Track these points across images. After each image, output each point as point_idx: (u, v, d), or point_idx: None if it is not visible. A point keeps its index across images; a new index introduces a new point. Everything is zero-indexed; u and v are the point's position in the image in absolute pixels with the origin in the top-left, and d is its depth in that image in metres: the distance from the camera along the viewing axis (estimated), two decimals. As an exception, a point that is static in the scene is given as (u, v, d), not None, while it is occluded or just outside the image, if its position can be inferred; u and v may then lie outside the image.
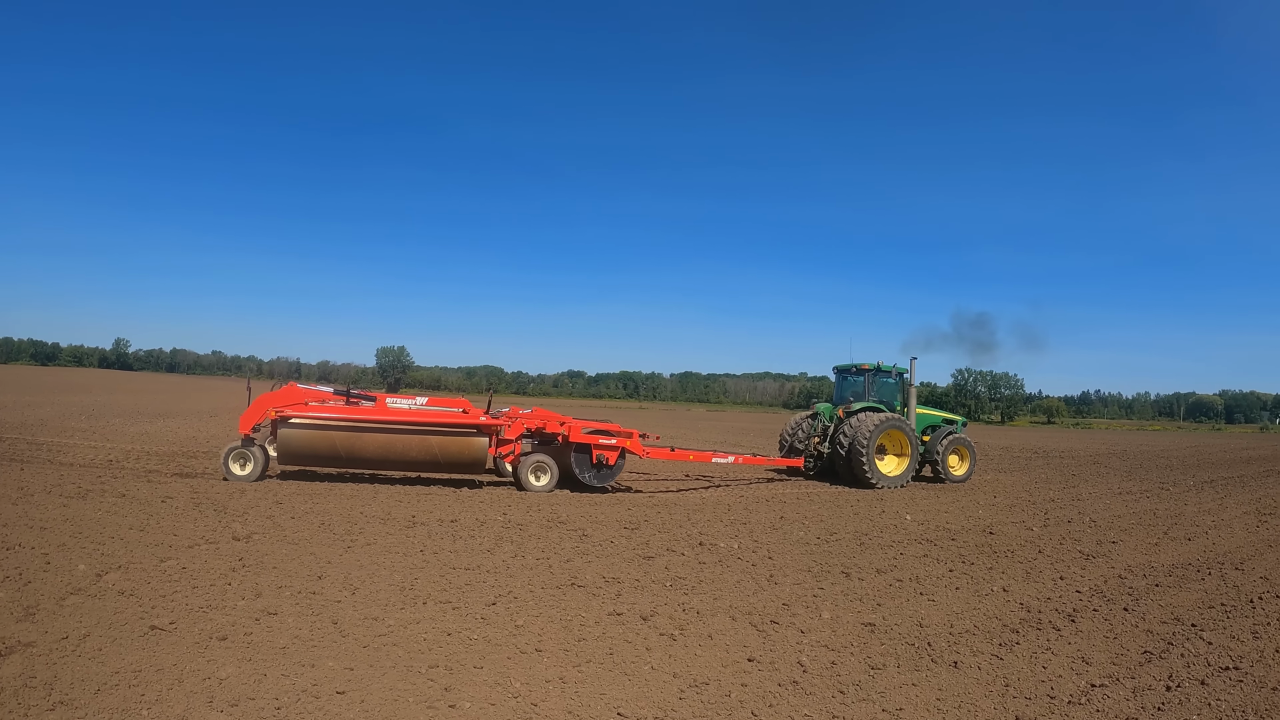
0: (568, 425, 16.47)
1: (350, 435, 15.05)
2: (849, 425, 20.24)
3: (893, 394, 22.26)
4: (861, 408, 21.09)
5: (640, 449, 17.11)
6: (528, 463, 16.00)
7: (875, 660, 6.45)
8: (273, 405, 15.08)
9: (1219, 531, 14.12)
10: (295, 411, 15.07)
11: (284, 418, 14.97)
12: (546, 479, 15.94)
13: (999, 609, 8.32)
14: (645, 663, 6.18)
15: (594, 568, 9.28)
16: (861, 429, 19.72)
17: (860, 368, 22.30)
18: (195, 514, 11.12)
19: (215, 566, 8.23)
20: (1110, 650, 7.02)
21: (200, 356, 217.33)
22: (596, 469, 16.46)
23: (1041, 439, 59.48)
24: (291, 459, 15.12)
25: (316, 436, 14.96)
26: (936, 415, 22.74)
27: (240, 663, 5.62)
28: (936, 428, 22.24)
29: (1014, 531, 13.43)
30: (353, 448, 15.07)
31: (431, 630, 6.63)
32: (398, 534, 10.59)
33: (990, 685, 6.04)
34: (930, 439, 21.76)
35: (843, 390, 22.91)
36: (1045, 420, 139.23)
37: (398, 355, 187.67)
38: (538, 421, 16.51)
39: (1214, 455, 40.47)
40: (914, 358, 22.24)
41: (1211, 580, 10.09)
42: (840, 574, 9.62)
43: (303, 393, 15.46)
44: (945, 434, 21.84)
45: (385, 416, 15.46)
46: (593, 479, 16.43)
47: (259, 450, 14.87)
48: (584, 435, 16.42)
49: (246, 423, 15.02)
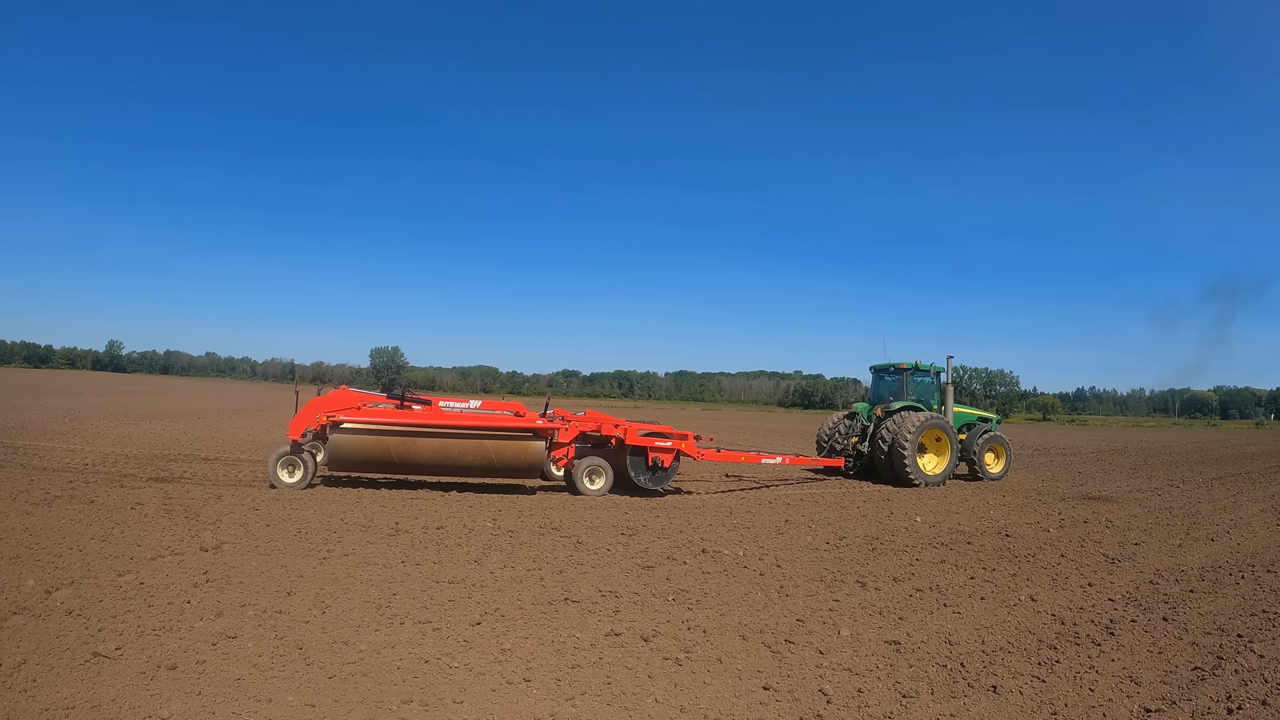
0: (623, 428, 16.16)
1: (404, 440, 14.58)
2: (890, 424, 20.19)
3: (929, 393, 22.17)
4: (901, 407, 20.95)
5: (695, 451, 16.85)
6: (582, 466, 15.67)
7: (906, 686, 5.79)
8: (324, 410, 14.62)
9: (1240, 531, 13.55)
10: (348, 416, 14.61)
11: (335, 423, 14.48)
12: (602, 482, 15.70)
13: (1030, 621, 7.69)
14: (648, 694, 5.52)
15: (589, 579, 8.62)
16: (904, 428, 19.65)
17: (898, 367, 22.31)
18: (164, 522, 10.49)
19: (176, 581, 7.60)
20: (1158, 667, 6.40)
21: (194, 358, 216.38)
22: (652, 471, 16.13)
23: (1040, 436, 58.92)
24: (342, 465, 14.58)
25: (370, 442, 14.48)
26: (972, 413, 22.67)
27: (187, 698, 4.99)
28: (973, 426, 22.13)
29: (1030, 534, 12.83)
30: (407, 453, 14.57)
31: (407, 656, 5.97)
32: (379, 543, 9.94)
33: (1036, 713, 5.40)
34: (967, 437, 21.64)
35: (879, 390, 22.90)
36: (1041, 417, 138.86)
37: (392, 355, 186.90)
38: (592, 424, 16.20)
39: (1216, 451, 40.04)
40: (950, 356, 22.09)
41: (1246, 585, 9.49)
42: (855, 583, 8.98)
43: (355, 396, 15.09)
44: (981, 432, 21.72)
45: (440, 420, 15.09)
46: (648, 482, 16.08)
47: (308, 456, 14.40)
48: (640, 438, 16.14)
49: (296, 428, 14.57)
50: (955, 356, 22.46)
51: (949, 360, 21.94)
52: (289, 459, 14.30)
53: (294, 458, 14.31)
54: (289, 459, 14.30)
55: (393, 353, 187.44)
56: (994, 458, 21.97)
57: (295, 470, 14.26)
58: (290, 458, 14.30)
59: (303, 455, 14.33)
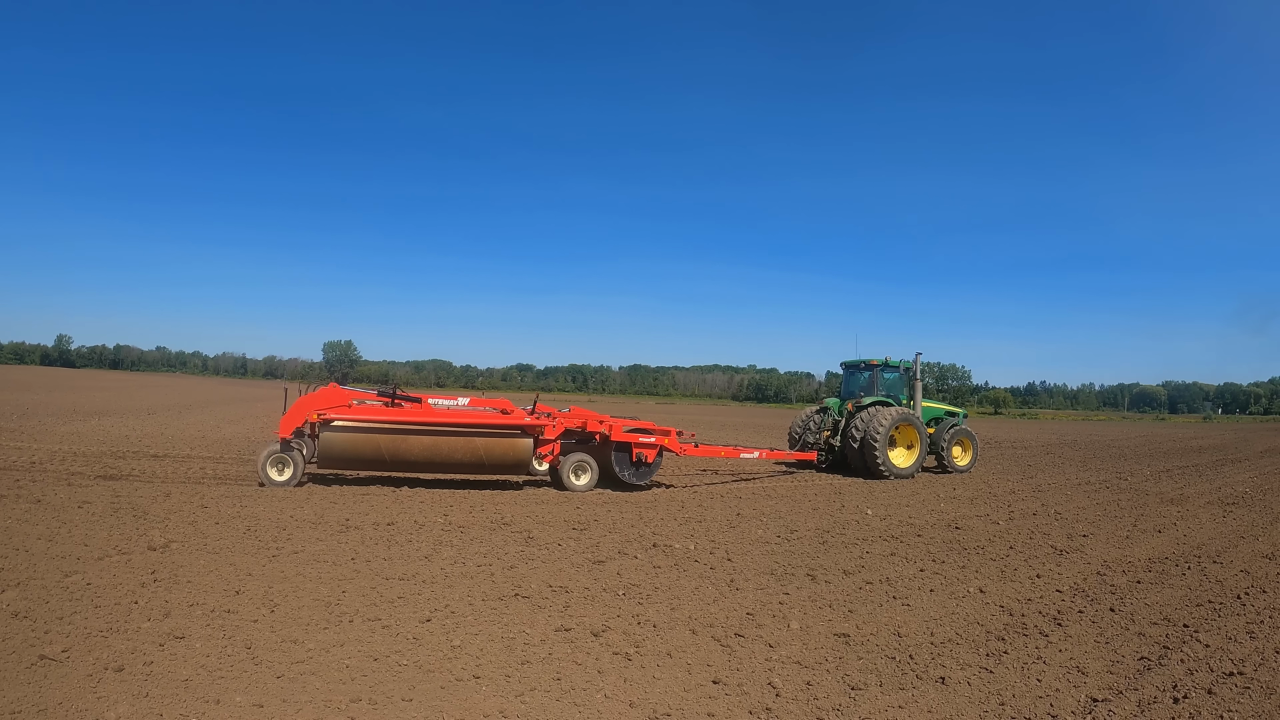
0: (608, 424, 16.33)
1: (395, 438, 14.50)
2: (861, 419, 20.57)
3: (899, 388, 22.63)
4: (872, 402, 21.43)
5: (677, 446, 17.10)
6: (568, 462, 15.78)
7: (854, 679, 5.77)
8: (314, 408, 14.42)
9: (1187, 523, 13.79)
10: (338, 414, 14.43)
11: (326, 420, 14.31)
12: (587, 478, 15.84)
13: (979, 613, 7.72)
14: (597, 689, 5.43)
15: (540, 575, 8.51)
16: (875, 422, 20.06)
17: (869, 363, 22.72)
18: (112, 520, 10.20)
19: (124, 581, 7.39)
20: (1105, 657, 6.45)
21: (144, 352, 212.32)
22: (636, 467, 16.38)
23: (992, 429, 59.66)
24: (333, 463, 14.42)
25: (361, 439, 14.36)
26: (940, 408, 23.26)
27: (134, 700, 4.85)
28: (941, 420, 22.73)
29: (980, 526, 12.94)
30: (397, 450, 14.50)
31: (356, 654, 5.83)
32: (329, 540, 9.73)
33: (984, 704, 5.40)
34: (935, 431, 22.17)
35: (850, 385, 23.39)
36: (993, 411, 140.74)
37: (345, 349, 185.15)
38: (578, 421, 16.33)
39: (1164, 445, 40.90)
40: (919, 353, 22.48)
41: (1192, 575, 9.65)
42: (805, 577, 8.96)
43: (345, 394, 14.93)
44: (949, 426, 22.33)
45: (431, 418, 15.05)
46: (632, 477, 16.32)
47: (298, 455, 14.20)
48: (624, 434, 16.36)
49: (287, 426, 14.32)
50: (908, 351, 22.77)
51: (918, 356, 22.36)
52: (279, 457, 14.15)
53: (284, 456, 14.17)
54: (279, 457, 14.15)
55: (345, 347, 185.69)
56: (961, 450, 22.64)
57: (285, 468, 14.14)
58: (281, 456, 14.16)
59: (292, 453, 14.16)
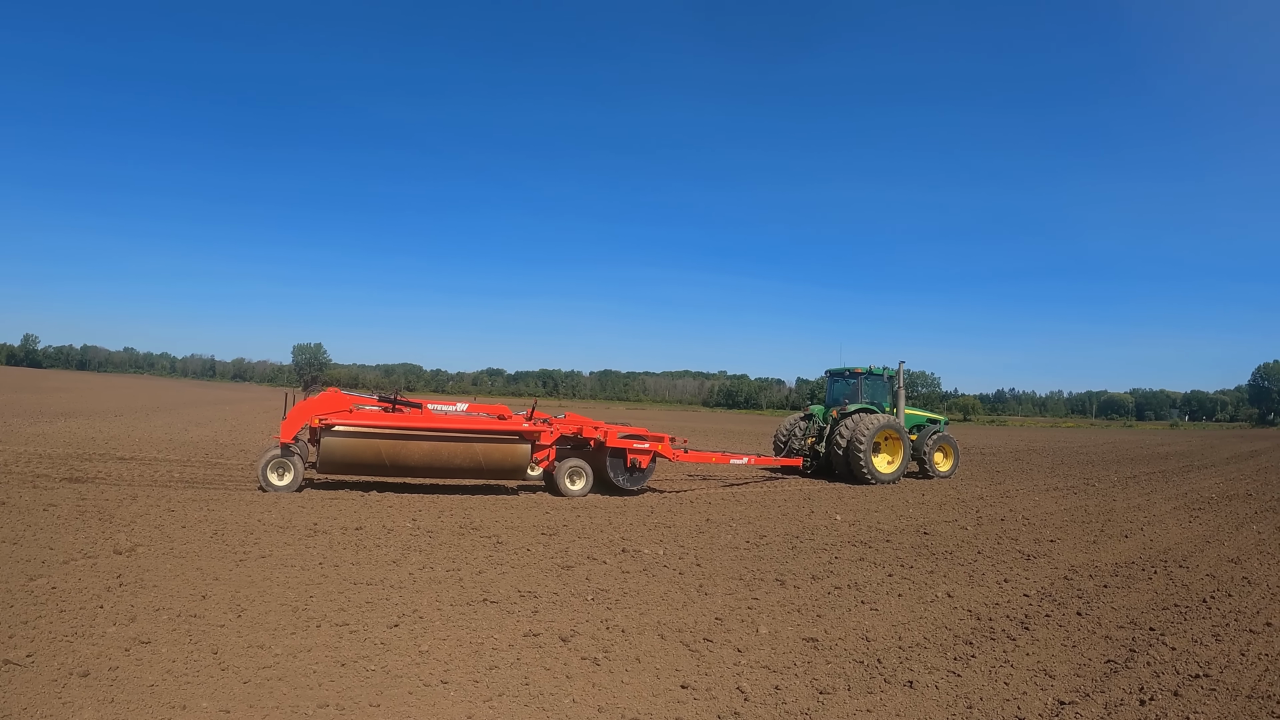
0: (602, 430, 16.42)
1: (395, 443, 14.39)
2: (846, 425, 20.89)
3: (883, 395, 23.05)
4: (856, 409, 21.78)
5: (670, 452, 17.28)
6: (564, 468, 15.82)
7: (823, 683, 5.75)
8: (315, 412, 14.29)
9: (1154, 528, 13.94)
10: (339, 419, 14.31)
11: (328, 425, 14.16)
12: (582, 483, 15.89)
13: (947, 617, 7.74)
14: (566, 694, 5.38)
15: (508, 580, 8.43)
16: (860, 429, 20.39)
17: (853, 371, 23.25)
18: (78, 523, 10.02)
19: (89, 586, 7.27)
20: (1072, 661, 6.48)
21: (112, 353, 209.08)
22: (630, 473, 16.48)
23: (961, 435, 59.63)
24: (334, 468, 14.28)
25: (362, 445, 14.24)
26: (922, 415, 23.51)
27: (100, 705, 4.78)
28: (923, 427, 23.01)
29: (949, 531, 13.01)
30: (398, 456, 14.39)
31: (324, 660, 5.75)
32: (296, 544, 9.60)
33: (952, 708, 5.40)
34: (917, 437, 22.50)
35: (835, 392, 23.84)
36: (961, 418, 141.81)
37: (314, 353, 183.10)
38: (573, 427, 16.42)
39: (1132, 451, 41.41)
40: (902, 361, 22.88)
41: (1159, 579, 9.75)
42: (774, 582, 8.95)
43: (346, 399, 14.86)
44: (931, 433, 22.64)
45: (431, 424, 14.98)
46: (626, 482, 16.41)
47: (298, 459, 14.06)
48: (619, 440, 16.43)
49: (288, 431, 14.12)
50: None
51: (901, 365, 22.73)
52: (280, 462, 13.98)
53: (285, 461, 14.00)
54: (280, 462, 13.98)
55: (315, 350, 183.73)
56: (943, 456, 23.02)
57: (286, 473, 13.96)
58: (281, 461, 13.99)
59: (293, 458, 14.03)
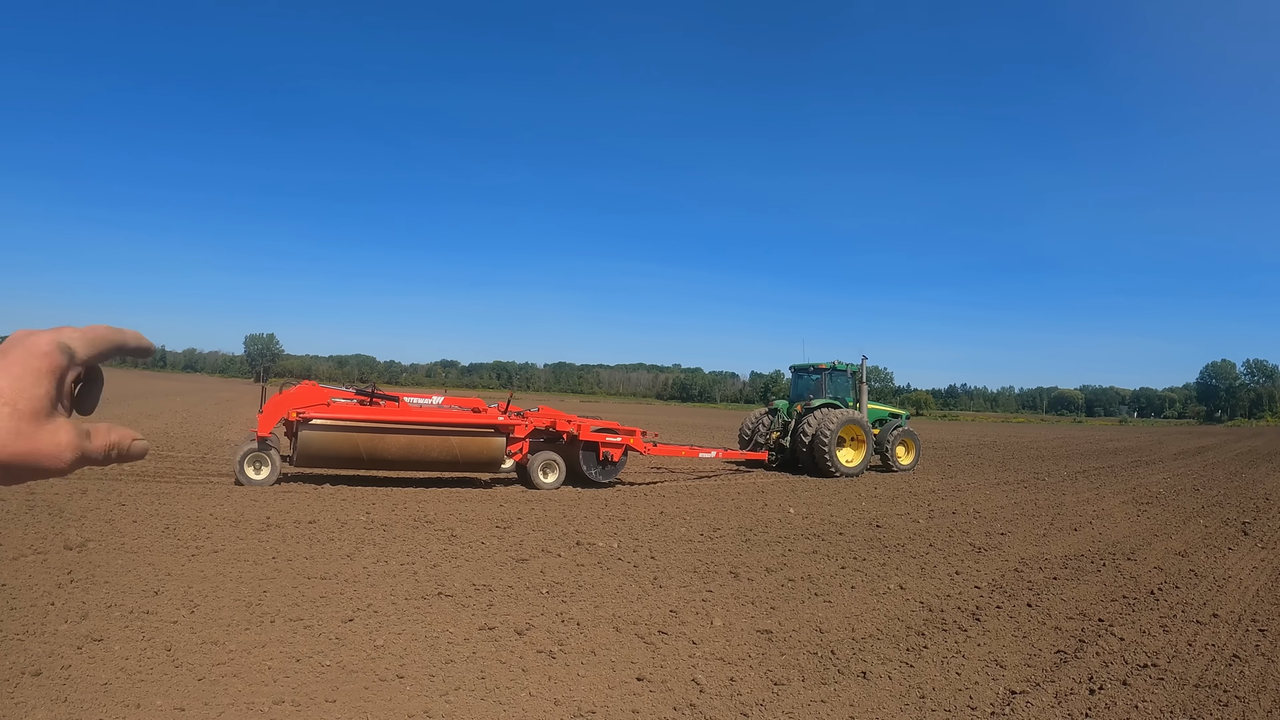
0: (575, 423, 16.59)
1: (373, 437, 14.27)
2: (810, 420, 21.13)
3: (846, 390, 23.34)
4: (820, 404, 22.00)
5: (642, 446, 17.47)
6: (537, 461, 15.94)
7: (777, 674, 5.75)
8: (292, 406, 14.06)
9: (1103, 522, 14.20)
10: (317, 412, 14.10)
11: (305, 419, 13.93)
12: (555, 476, 16.03)
13: (899, 609, 7.80)
14: (522, 687, 5.33)
15: (463, 573, 8.33)
16: (824, 424, 20.64)
17: (817, 367, 23.44)
18: (28, 519, 9.74)
19: (40, 582, 7.08)
20: (1023, 651, 6.56)
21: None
22: (602, 465, 16.71)
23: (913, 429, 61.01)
24: (311, 461, 14.09)
25: (339, 438, 14.08)
26: (884, 410, 23.91)
27: (53, 704, 4.66)
28: (885, 421, 23.37)
29: (900, 524, 13.13)
30: (375, 449, 14.27)
31: (278, 655, 5.64)
32: (249, 538, 9.42)
33: (905, 697, 5.43)
34: (880, 432, 22.81)
35: (799, 388, 24.13)
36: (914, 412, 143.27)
37: (267, 343, 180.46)
38: (547, 420, 16.48)
39: (1081, 446, 42.15)
40: (865, 356, 23.32)
41: (1107, 572, 9.91)
42: (728, 574, 8.95)
43: (324, 392, 14.65)
44: (893, 427, 23.03)
45: (408, 417, 14.94)
46: (598, 475, 16.63)
47: (275, 453, 13.89)
48: (592, 433, 16.67)
49: (265, 424, 13.93)
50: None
51: (864, 360, 23.17)
52: (256, 455, 13.85)
53: (261, 454, 13.89)
54: (256, 455, 13.85)
55: (268, 340, 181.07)
56: (905, 450, 23.38)
57: (263, 467, 13.88)
58: (258, 454, 13.86)
59: (269, 452, 13.86)
